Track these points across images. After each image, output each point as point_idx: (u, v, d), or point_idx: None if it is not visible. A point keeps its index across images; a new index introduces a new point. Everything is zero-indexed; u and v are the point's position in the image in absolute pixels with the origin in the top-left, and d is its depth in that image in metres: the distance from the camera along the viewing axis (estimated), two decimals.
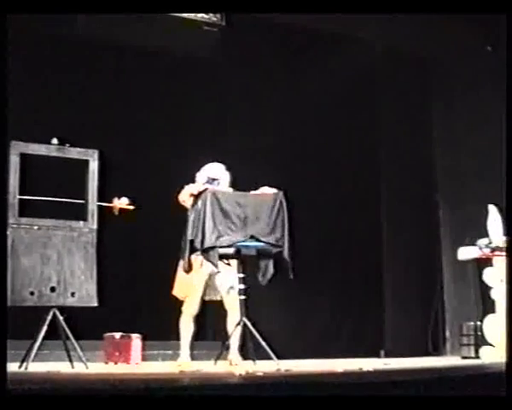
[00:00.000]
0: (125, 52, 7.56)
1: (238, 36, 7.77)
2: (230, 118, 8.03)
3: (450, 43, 8.25)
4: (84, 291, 5.54)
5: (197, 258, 5.83)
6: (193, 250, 5.70)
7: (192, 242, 5.65)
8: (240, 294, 5.83)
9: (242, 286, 5.84)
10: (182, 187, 6.09)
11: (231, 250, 5.84)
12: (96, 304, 5.58)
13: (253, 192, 5.99)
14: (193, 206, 5.71)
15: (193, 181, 6.22)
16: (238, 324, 5.74)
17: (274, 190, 5.95)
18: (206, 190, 5.71)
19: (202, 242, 5.58)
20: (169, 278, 6.06)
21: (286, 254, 5.76)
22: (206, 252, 5.62)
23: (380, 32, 8.13)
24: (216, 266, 5.69)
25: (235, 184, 6.28)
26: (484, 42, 7.68)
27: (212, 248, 5.59)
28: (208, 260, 5.69)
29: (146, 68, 7.62)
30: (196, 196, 5.71)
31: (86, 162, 5.68)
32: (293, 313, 7.85)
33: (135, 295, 7.35)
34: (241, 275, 5.86)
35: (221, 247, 5.64)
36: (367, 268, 8.33)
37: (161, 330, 6.84)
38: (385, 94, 8.72)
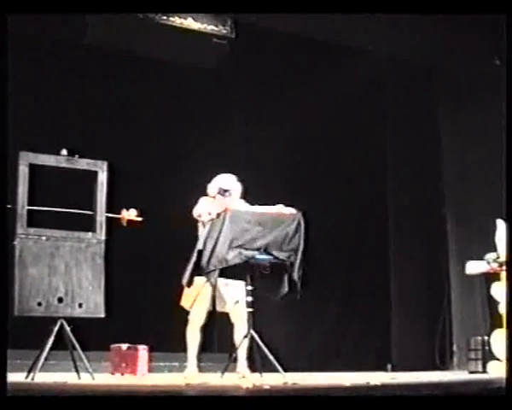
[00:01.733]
0: (134, 62, 7.58)
1: (247, 48, 7.79)
2: (240, 128, 8.07)
3: (457, 53, 8.20)
4: (92, 302, 5.49)
5: None
6: (195, 270, 5.71)
7: (197, 262, 5.67)
8: (248, 306, 5.79)
9: (250, 299, 5.80)
10: (196, 200, 6.08)
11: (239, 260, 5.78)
12: (103, 315, 5.53)
13: (269, 210, 5.96)
14: (205, 226, 5.72)
15: (204, 192, 6.20)
16: (245, 336, 5.72)
17: (292, 210, 5.92)
18: (225, 210, 5.70)
19: (206, 267, 5.61)
20: (176, 290, 6.04)
21: (295, 274, 5.75)
22: (207, 273, 5.64)
23: (385, 42, 8.12)
24: (214, 287, 5.74)
25: (246, 196, 6.29)
26: (492, 54, 7.62)
27: (214, 270, 5.61)
28: (208, 280, 5.72)
29: (155, 79, 7.65)
30: (218, 215, 5.72)
31: (95, 173, 5.64)
32: (298, 325, 7.85)
33: (142, 306, 7.38)
34: (250, 287, 5.82)
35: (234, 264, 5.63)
36: (373, 281, 8.29)
37: (168, 342, 6.81)
38: (391, 105, 8.72)
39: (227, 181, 6.21)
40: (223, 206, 5.86)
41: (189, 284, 5.73)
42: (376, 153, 8.45)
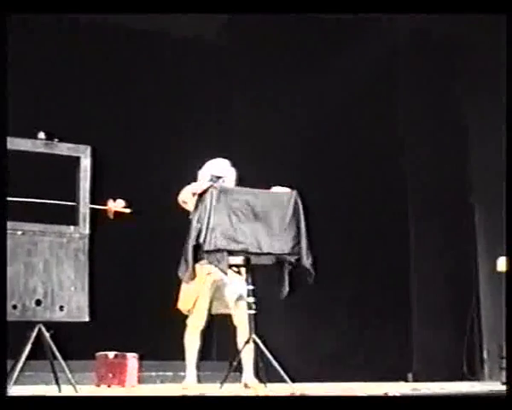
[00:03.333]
0: (121, 35, 7.61)
1: (247, 20, 7.74)
2: (237, 109, 8.06)
3: (484, 24, 8.09)
4: (74, 305, 5.48)
5: (203, 267, 5.84)
6: (197, 257, 5.69)
7: (196, 248, 5.65)
8: (249, 308, 5.84)
9: (252, 299, 5.86)
10: (182, 187, 6.12)
11: (239, 259, 5.86)
12: (87, 319, 5.52)
13: (263, 190, 6.00)
14: (196, 207, 5.71)
15: (195, 180, 6.24)
16: (247, 341, 5.76)
17: (287, 190, 5.95)
18: (211, 186, 5.72)
19: (208, 243, 5.56)
20: (170, 290, 6.08)
21: (305, 261, 5.76)
22: (212, 255, 5.61)
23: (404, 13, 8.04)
24: (225, 273, 5.70)
25: (241, 183, 6.29)
26: None
27: (220, 250, 5.58)
28: (216, 265, 5.67)
29: (146, 53, 7.68)
30: (200, 196, 5.72)
31: (77, 159, 5.64)
32: (305, 328, 7.84)
33: (131, 309, 7.41)
34: (251, 287, 5.87)
35: (229, 252, 5.63)
36: (390, 280, 8.24)
37: (160, 349, 6.90)
38: (410, 84, 8.63)
39: (220, 167, 6.22)
40: None
41: (191, 277, 5.70)
42: (393, 136, 8.38)
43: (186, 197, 5.98)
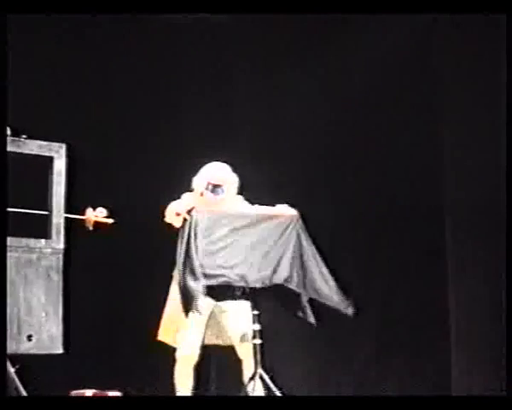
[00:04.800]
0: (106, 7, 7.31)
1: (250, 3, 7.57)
2: (239, 105, 8.03)
3: None
4: (45, 334, 5.46)
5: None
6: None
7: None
8: (254, 337, 5.79)
9: (258, 327, 5.79)
10: (174, 194, 6.09)
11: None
12: (60, 351, 5.50)
13: (261, 211, 6.01)
14: (181, 232, 5.75)
15: (189, 188, 6.20)
16: (252, 377, 5.74)
17: (293, 212, 5.94)
18: (192, 209, 5.74)
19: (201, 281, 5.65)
20: (159, 316, 6.10)
21: (303, 299, 5.79)
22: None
23: None
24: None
25: (244, 192, 6.27)
26: None
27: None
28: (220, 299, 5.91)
29: (131, 34, 7.63)
30: (185, 218, 5.76)
31: (50, 160, 5.65)
32: (322, 361, 7.66)
33: (113, 338, 7.32)
34: (256, 312, 5.82)
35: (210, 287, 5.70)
36: (424, 297, 7.74)
37: (147, 386, 6.86)
38: (447, 68, 8.21)
39: (218, 173, 6.18)
40: (211, 206, 5.95)
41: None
42: (426, 136, 8.03)
43: (171, 218, 5.96)
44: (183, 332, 5.97)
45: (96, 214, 5.75)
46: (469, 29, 7.99)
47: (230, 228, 5.73)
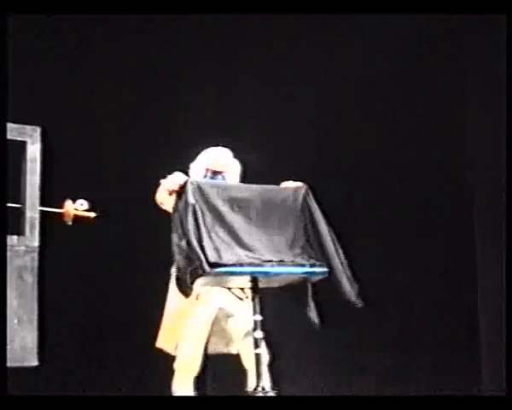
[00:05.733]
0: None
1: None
2: (241, 83, 7.96)
3: None
4: (18, 344, 5.45)
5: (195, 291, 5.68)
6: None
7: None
8: (257, 345, 5.58)
9: (261, 334, 5.58)
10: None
11: (244, 280, 5.63)
12: (35, 363, 5.53)
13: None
14: (174, 209, 5.57)
15: (186, 175, 6.07)
16: (255, 390, 5.59)
17: (298, 184, 5.79)
18: (187, 181, 5.56)
19: (200, 267, 5.34)
20: (149, 322, 6.02)
21: (340, 276, 5.53)
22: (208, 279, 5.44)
23: None
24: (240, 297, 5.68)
25: (246, 179, 6.21)
26: None
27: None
28: (224, 286, 5.68)
29: (127, 27, 7.54)
30: (179, 194, 5.57)
31: (23, 145, 5.69)
32: (336, 372, 7.54)
33: (96, 348, 7.24)
34: (259, 317, 5.60)
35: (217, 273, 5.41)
36: (451, 299, 7.67)
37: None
38: (471, 61, 8.03)
39: (218, 158, 6.17)
40: None
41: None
42: (449, 129, 7.83)
43: (162, 197, 5.89)
44: (184, 340, 5.92)
45: (76, 207, 5.76)
46: (469, 29, 8.04)
47: (236, 198, 5.53)
